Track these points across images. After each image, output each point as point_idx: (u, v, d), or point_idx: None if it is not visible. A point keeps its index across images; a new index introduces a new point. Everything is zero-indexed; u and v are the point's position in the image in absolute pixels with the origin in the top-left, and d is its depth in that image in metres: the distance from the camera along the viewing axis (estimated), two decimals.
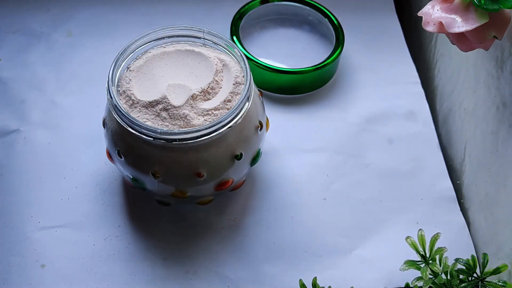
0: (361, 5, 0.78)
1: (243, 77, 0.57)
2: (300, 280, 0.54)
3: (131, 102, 0.55)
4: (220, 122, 0.53)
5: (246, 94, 0.54)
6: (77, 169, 0.64)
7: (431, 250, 0.54)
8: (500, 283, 0.52)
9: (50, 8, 0.76)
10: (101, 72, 0.62)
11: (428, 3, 0.51)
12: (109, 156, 0.59)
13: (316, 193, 0.64)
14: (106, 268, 0.59)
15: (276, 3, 0.74)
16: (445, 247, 0.54)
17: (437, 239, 0.54)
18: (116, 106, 0.53)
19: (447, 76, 0.70)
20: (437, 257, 0.54)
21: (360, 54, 0.75)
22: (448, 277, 0.53)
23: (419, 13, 0.51)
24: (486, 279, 0.53)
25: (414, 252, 0.54)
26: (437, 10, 0.50)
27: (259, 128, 0.58)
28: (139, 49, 0.58)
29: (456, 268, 0.53)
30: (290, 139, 0.68)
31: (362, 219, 0.63)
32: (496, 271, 0.52)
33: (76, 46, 0.73)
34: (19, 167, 0.64)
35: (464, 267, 0.53)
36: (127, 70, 0.57)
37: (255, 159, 0.59)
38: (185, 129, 0.53)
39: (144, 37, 0.57)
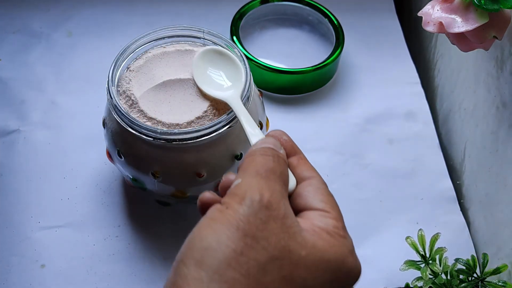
0: (361, 5, 0.78)
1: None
2: None
3: (131, 102, 0.55)
4: (220, 122, 0.53)
5: (246, 94, 0.54)
6: (77, 169, 0.64)
7: (431, 250, 0.54)
8: (500, 283, 0.52)
9: (50, 8, 0.76)
10: (101, 72, 0.62)
11: (428, 3, 0.51)
12: (109, 156, 0.59)
13: None
14: (106, 268, 0.59)
15: (276, 3, 0.74)
16: (445, 247, 0.54)
17: (437, 239, 0.54)
18: (116, 106, 0.53)
19: (447, 76, 0.70)
20: (437, 257, 0.54)
21: (360, 54, 0.75)
22: (448, 277, 0.53)
23: (419, 13, 0.51)
24: (486, 279, 0.53)
25: (414, 252, 0.54)
26: (437, 10, 0.50)
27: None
28: (139, 49, 0.57)
29: (456, 268, 0.53)
30: None
31: (362, 219, 0.63)
32: (496, 271, 0.52)
33: (76, 46, 0.73)
34: (19, 167, 0.64)
35: (464, 267, 0.53)
36: (127, 70, 0.57)
37: None
38: (185, 129, 0.53)
39: (144, 37, 0.57)
